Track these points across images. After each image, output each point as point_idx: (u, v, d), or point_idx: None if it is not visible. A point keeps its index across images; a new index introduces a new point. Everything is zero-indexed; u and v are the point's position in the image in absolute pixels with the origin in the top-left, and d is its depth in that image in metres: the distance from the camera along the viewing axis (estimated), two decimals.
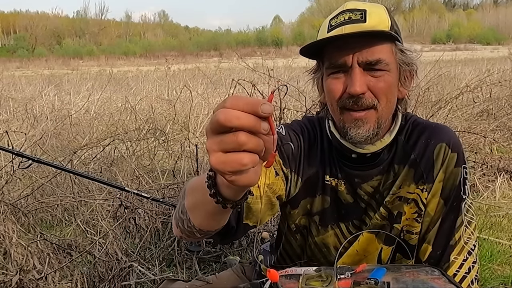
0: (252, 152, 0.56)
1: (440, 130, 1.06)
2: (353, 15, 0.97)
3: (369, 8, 0.98)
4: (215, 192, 0.71)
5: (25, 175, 3.23)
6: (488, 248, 2.45)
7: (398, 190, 1.06)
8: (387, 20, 0.98)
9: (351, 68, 0.96)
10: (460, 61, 13.51)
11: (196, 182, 0.84)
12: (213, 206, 0.73)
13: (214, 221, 0.84)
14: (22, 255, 2.02)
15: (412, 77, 1.05)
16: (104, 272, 2.11)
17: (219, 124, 0.54)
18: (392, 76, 0.98)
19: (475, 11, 78.32)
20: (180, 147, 3.97)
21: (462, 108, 5.26)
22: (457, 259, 1.02)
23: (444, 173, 1.03)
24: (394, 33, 0.97)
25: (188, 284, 1.18)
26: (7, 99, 6.88)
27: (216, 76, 9.30)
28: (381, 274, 0.90)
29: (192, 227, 0.86)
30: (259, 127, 0.55)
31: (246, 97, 0.57)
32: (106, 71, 15.32)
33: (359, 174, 1.07)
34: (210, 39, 62.73)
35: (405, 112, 1.11)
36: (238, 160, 0.56)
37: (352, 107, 0.97)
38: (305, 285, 0.90)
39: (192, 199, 0.85)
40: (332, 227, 1.11)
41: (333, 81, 0.99)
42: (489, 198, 3.32)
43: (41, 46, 56.59)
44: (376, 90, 0.97)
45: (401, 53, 1.00)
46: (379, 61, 0.95)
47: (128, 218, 2.46)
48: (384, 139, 1.04)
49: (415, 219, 1.06)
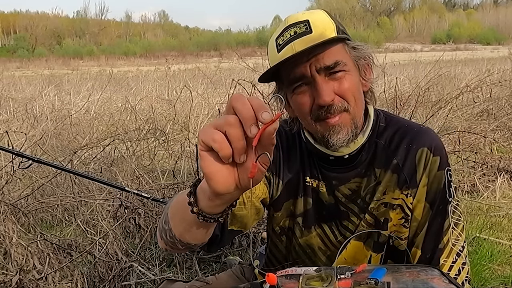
0: (230, 144, 0.61)
1: (421, 134, 1.05)
2: (297, 28, 0.96)
3: (310, 17, 0.97)
4: (193, 201, 0.75)
5: (25, 175, 3.23)
6: (488, 248, 2.45)
7: (382, 196, 1.05)
8: (331, 23, 0.98)
9: (313, 79, 0.96)
10: (460, 61, 13.52)
11: (181, 195, 0.86)
12: (191, 215, 0.75)
13: (193, 233, 0.84)
14: (22, 255, 2.02)
15: (370, 69, 1.05)
16: (104, 272, 2.11)
17: (230, 102, 0.61)
18: (353, 75, 0.99)
19: (475, 11, 78.37)
20: (180, 147, 3.98)
21: (462, 108, 5.26)
22: (446, 261, 1.02)
23: (427, 177, 1.03)
24: (342, 33, 0.98)
25: (188, 284, 1.17)
26: (7, 99, 6.88)
27: (216, 76, 9.31)
28: (381, 274, 0.90)
29: (174, 237, 0.88)
30: (248, 124, 0.59)
31: (261, 100, 0.62)
32: (106, 71, 15.32)
33: (337, 176, 1.08)
34: (210, 39, 62.75)
35: (378, 108, 1.11)
36: (212, 134, 0.61)
37: (325, 116, 0.97)
38: (305, 285, 0.90)
39: (174, 208, 0.88)
40: (315, 228, 1.12)
41: (299, 96, 0.99)
42: (489, 198, 3.32)
43: (41, 46, 56.60)
44: (343, 92, 0.97)
45: (354, 49, 1.00)
46: (337, 63, 0.95)
47: (128, 218, 2.46)
48: (357, 140, 1.04)
49: (402, 224, 1.06)
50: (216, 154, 0.62)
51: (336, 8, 79.07)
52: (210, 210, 0.74)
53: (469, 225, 2.82)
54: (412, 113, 4.26)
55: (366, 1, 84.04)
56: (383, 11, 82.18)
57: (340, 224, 1.10)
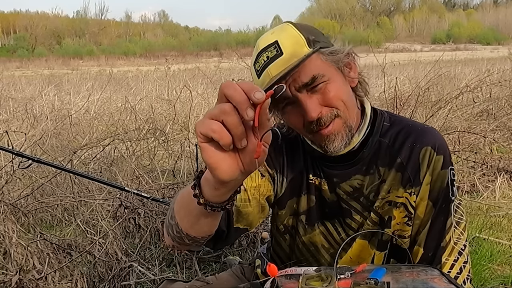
0: (229, 131, 0.62)
1: (425, 133, 1.06)
2: (269, 52, 0.97)
3: (279, 37, 0.97)
4: (199, 192, 0.76)
5: (25, 175, 3.23)
6: (488, 248, 2.45)
7: (387, 195, 1.06)
8: (300, 38, 0.96)
9: (296, 98, 0.97)
10: (460, 61, 13.53)
11: (185, 189, 0.87)
12: (197, 207, 0.77)
13: (200, 226, 0.86)
14: (22, 255, 2.02)
15: (354, 64, 1.04)
16: (104, 272, 2.11)
17: (221, 90, 0.62)
18: (335, 80, 0.98)
19: (475, 11, 78.40)
20: (180, 147, 3.98)
21: (462, 108, 5.26)
22: (448, 260, 1.03)
23: (431, 175, 1.04)
24: (313, 43, 0.96)
25: (188, 284, 1.18)
26: (7, 99, 6.87)
27: (216, 76, 9.30)
28: (381, 274, 0.90)
29: (180, 232, 0.89)
30: (244, 108, 0.59)
31: (250, 82, 0.63)
32: (106, 71, 15.31)
33: (338, 173, 1.09)
34: (210, 39, 62.78)
35: (374, 107, 1.12)
36: (210, 125, 0.62)
37: (318, 129, 0.99)
38: (305, 285, 0.90)
39: (179, 202, 0.90)
40: (318, 226, 1.13)
41: (289, 116, 1.02)
42: (489, 198, 3.32)
43: (41, 46, 56.60)
44: (329, 102, 0.97)
45: (331, 54, 0.98)
46: (314, 78, 0.95)
47: (128, 218, 2.46)
48: (353, 140, 1.04)
49: (405, 223, 1.06)
50: (217, 144, 0.64)
51: (336, 8, 79.13)
52: (216, 199, 0.75)
53: (469, 225, 2.82)
54: (412, 113, 4.26)
55: (366, 1, 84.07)
56: (383, 11, 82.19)
57: (344, 222, 1.11)
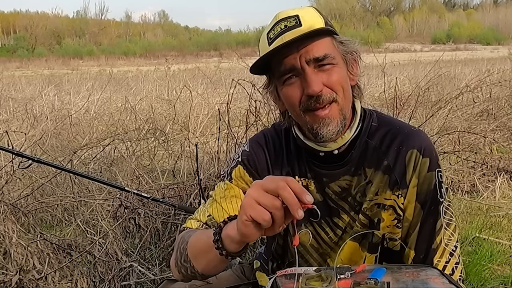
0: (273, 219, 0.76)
1: (411, 136, 1.06)
2: (288, 22, 1.00)
3: (300, 12, 1.01)
4: (221, 246, 0.89)
5: (25, 175, 3.23)
6: (488, 248, 2.45)
7: (375, 197, 1.07)
8: (320, 18, 1.02)
9: (303, 70, 0.99)
10: (460, 61, 13.55)
11: (198, 237, 1.01)
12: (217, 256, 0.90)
13: (216, 267, 0.99)
14: (22, 255, 2.02)
15: (357, 63, 1.08)
16: (104, 272, 2.11)
17: (275, 189, 0.76)
18: (341, 68, 1.02)
19: (475, 11, 78.43)
20: (180, 147, 3.98)
21: (462, 108, 5.26)
22: (440, 261, 1.03)
23: (417, 178, 1.04)
24: (330, 27, 1.01)
25: (188, 284, 1.17)
26: (7, 99, 6.88)
27: (216, 76, 9.31)
28: (381, 274, 0.90)
29: (196, 272, 1.01)
30: (295, 209, 0.74)
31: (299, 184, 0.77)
32: (106, 71, 15.33)
33: (327, 173, 1.09)
34: (210, 39, 62.78)
35: (367, 106, 1.13)
36: (262, 214, 0.76)
37: (314, 107, 1.00)
38: (305, 285, 0.90)
39: (195, 249, 1.00)
40: (306, 225, 1.13)
41: (289, 87, 1.02)
42: (489, 198, 3.32)
43: (41, 46, 56.61)
44: (331, 83, 1.00)
45: (342, 44, 1.03)
46: (326, 56, 0.99)
47: (128, 218, 2.46)
48: (345, 136, 1.06)
49: (395, 225, 1.07)
50: (259, 225, 0.78)
51: (336, 8, 79.09)
52: (237, 250, 0.89)
53: (469, 225, 2.82)
54: (412, 113, 4.26)
55: (366, 1, 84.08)
56: (383, 11, 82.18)
57: (331, 221, 1.11)
